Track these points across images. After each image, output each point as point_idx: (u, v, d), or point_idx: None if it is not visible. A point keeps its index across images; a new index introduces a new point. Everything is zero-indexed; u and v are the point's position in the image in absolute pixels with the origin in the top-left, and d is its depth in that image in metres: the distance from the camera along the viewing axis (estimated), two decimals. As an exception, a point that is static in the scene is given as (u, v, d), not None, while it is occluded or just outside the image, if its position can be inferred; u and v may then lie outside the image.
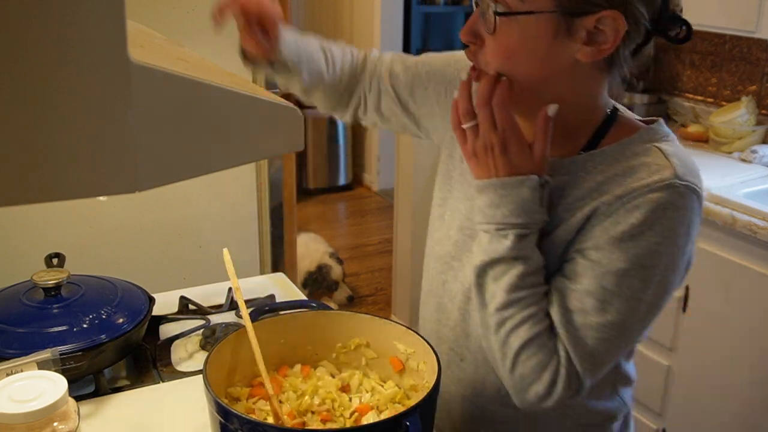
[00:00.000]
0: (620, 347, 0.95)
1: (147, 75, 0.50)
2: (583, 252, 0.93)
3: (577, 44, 0.89)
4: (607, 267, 0.90)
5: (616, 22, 0.87)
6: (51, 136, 0.48)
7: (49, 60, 0.46)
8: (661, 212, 0.89)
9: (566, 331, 0.92)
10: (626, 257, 0.89)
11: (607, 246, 0.90)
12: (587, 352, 0.92)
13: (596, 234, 0.91)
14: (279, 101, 0.62)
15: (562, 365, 0.92)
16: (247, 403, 1.03)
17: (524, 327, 0.92)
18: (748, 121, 2.51)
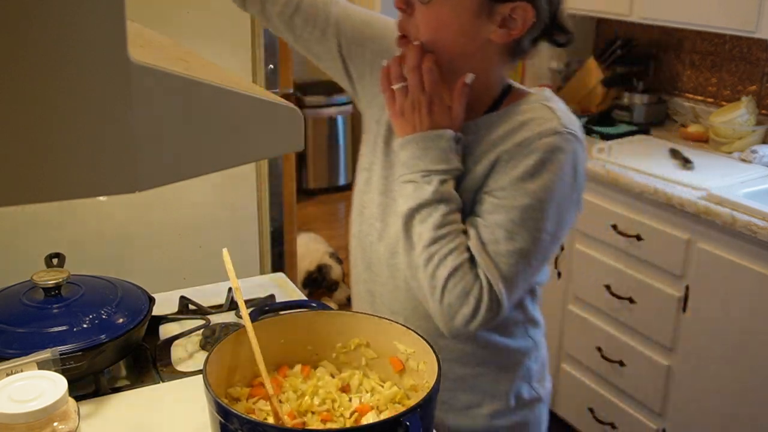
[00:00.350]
0: (528, 272, 1.11)
1: (147, 75, 0.50)
2: (491, 193, 1.09)
3: (493, 26, 1.06)
4: (512, 203, 1.06)
5: (526, 13, 1.05)
6: (51, 136, 0.48)
7: (50, 60, 0.46)
8: (551, 154, 1.06)
9: (483, 259, 1.07)
10: (527, 194, 1.06)
11: (510, 186, 1.07)
12: (503, 275, 1.07)
13: (500, 177, 1.08)
14: (279, 101, 0.62)
15: (484, 288, 1.07)
16: (247, 403, 1.03)
17: (450, 258, 1.07)
18: (748, 121, 2.51)
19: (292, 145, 0.63)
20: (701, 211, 2.08)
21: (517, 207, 1.06)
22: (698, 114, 2.81)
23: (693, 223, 2.13)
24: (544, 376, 1.31)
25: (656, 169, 2.34)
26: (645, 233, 2.27)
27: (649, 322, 2.32)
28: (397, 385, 1.09)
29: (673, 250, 2.19)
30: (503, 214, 1.06)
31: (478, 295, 1.07)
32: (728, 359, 2.11)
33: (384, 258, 1.21)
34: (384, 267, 1.22)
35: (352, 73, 1.26)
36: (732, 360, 2.10)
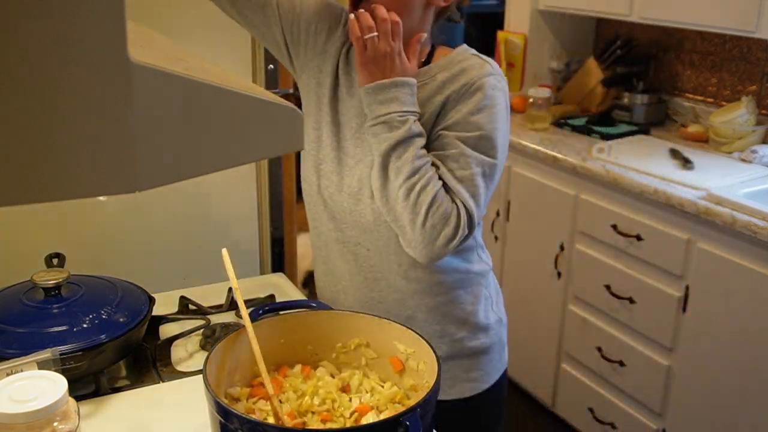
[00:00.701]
0: (488, 192, 1.27)
1: (147, 75, 0.50)
2: (447, 128, 1.25)
3: None
4: (467, 135, 1.23)
5: None
6: (51, 135, 0.48)
7: (49, 60, 0.46)
8: (492, 91, 1.25)
9: (454, 185, 1.23)
10: (478, 126, 1.23)
11: (464, 120, 1.24)
12: (472, 196, 1.23)
13: (453, 114, 1.25)
14: (279, 101, 0.62)
15: (461, 209, 1.22)
16: (247, 403, 1.03)
17: (429, 186, 1.21)
18: (748, 121, 2.51)
19: (292, 145, 0.63)
20: (701, 211, 2.08)
21: (473, 137, 1.23)
22: (698, 114, 2.81)
23: (693, 223, 2.13)
24: (500, 300, 1.47)
25: (656, 169, 2.34)
26: (645, 233, 2.27)
27: (649, 322, 2.32)
28: (397, 385, 1.09)
29: (673, 250, 2.19)
30: (462, 145, 1.23)
31: (456, 215, 1.22)
32: (728, 359, 2.11)
33: (347, 206, 1.32)
34: (347, 214, 1.33)
35: (287, 39, 1.37)
36: (732, 360, 2.10)
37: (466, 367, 1.40)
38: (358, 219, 1.32)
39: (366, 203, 1.30)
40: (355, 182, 1.30)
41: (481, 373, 1.42)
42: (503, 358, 1.47)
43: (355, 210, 1.32)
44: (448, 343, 1.38)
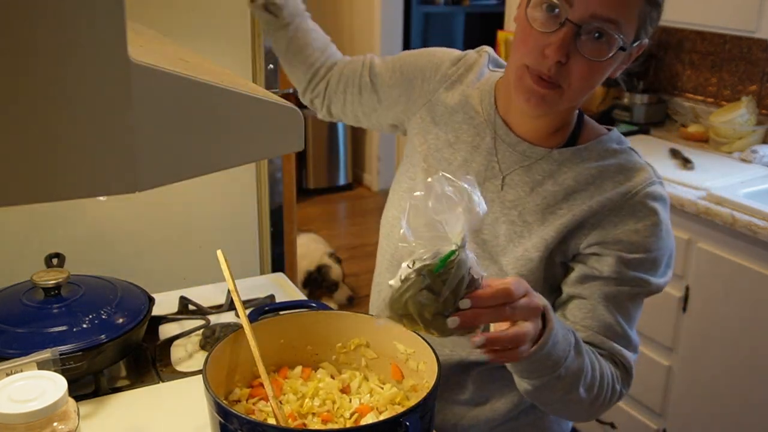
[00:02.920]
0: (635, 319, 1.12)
1: (147, 75, 0.50)
2: (604, 245, 1.06)
3: (623, 66, 1.07)
4: (629, 257, 1.05)
5: (643, 46, 1.06)
6: (51, 135, 0.48)
7: (50, 60, 0.46)
8: (657, 204, 1.06)
9: (614, 346, 1.07)
10: (643, 247, 1.05)
11: (626, 240, 1.05)
12: (631, 348, 1.10)
13: (609, 230, 1.06)
14: (279, 101, 0.62)
15: (623, 375, 1.10)
16: (247, 404, 1.03)
17: (607, 392, 1.05)
18: (748, 121, 2.51)
19: (292, 145, 0.63)
20: (701, 211, 2.08)
21: (636, 259, 1.05)
22: (698, 114, 2.81)
23: (693, 223, 2.13)
24: None
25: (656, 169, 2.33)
26: (645, 233, 2.27)
27: (649, 322, 2.32)
28: (396, 386, 1.09)
29: (673, 250, 2.18)
30: (622, 270, 1.05)
31: (621, 386, 1.10)
32: (728, 359, 2.11)
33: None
34: None
35: (396, 111, 1.29)
36: (732, 360, 2.10)
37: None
38: None
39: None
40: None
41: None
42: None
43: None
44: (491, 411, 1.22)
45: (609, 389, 1.03)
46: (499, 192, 1.13)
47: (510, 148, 1.13)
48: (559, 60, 0.99)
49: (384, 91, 1.28)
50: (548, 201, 1.09)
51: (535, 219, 1.10)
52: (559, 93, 1.03)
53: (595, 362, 1.02)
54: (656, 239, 1.05)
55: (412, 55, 1.29)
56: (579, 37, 0.98)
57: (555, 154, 1.11)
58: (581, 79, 1.01)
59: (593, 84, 1.04)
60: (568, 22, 0.98)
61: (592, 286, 1.07)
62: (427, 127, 1.22)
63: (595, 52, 0.99)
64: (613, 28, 0.98)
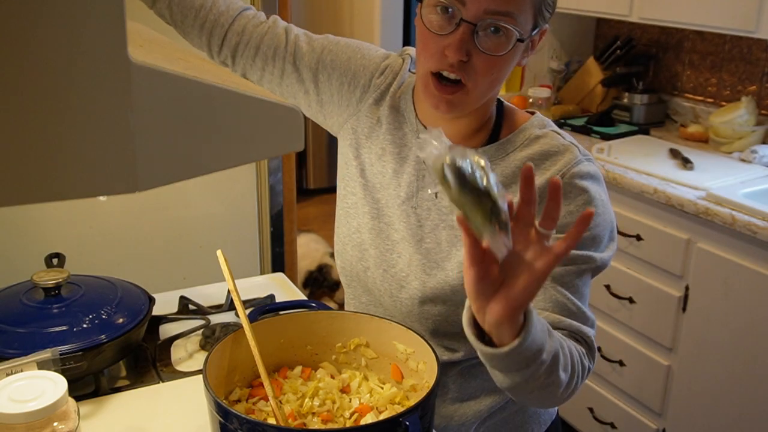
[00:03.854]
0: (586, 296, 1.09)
1: (147, 75, 0.50)
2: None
3: (526, 54, 1.07)
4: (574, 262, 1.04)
5: (544, 32, 1.07)
6: (51, 136, 0.48)
7: (49, 60, 0.46)
8: (586, 182, 1.05)
9: (574, 324, 1.04)
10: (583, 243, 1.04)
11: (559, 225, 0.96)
12: (589, 324, 1.05)
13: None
14: (279, 101, 0.62)
15: (587, 354, 1.03)
16: (247, 404, 1.04)
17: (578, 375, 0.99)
18: (748, 121, 2.51)
19: (292, 145, 0.63)
20: (701, 211, 2.08)
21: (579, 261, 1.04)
22: (698, 114, 2.81)
23: (693, 223, 2.13)
24: None
25: (656, 169, 2.34)
26: (645, 233, 2.27)
27: (649, 322, 2.32)
28: (396, 386, 1.09)
29: (673, 250, 2.19)
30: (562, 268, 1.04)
31: (589, 362, 1.03)
32: (728, 359, 2.11)
33: (387, 290, 1.18)
34: (386, 297, 1.19)
35: (322, 101, 1.24)
36: (732, 360, 2.10)
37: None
38: (398, 305, 1.18)
39: (412, 292, 1.14)
40: (403, 265, 1.15)
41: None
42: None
43: (398, 297, 1.18)
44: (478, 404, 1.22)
45: (579, 366, 1.00)
46: (434, 200, 1.14)
47: None
48: (460, 59, 1.00)
49: (310, 84, 1.23)
50: None
51: None
52: (465, 92, 1.03)
53: (563, 341, 0.99)
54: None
55: (341, 50, 1.23)
56: (477, 34, 0.99)
57: (481, 153, 1.10)
58: (485, 75, 1.02)
59: (499, 77, 1.04)
60: (463, 22, 0.98)
61: None
62: (359, 140, 1.22)
63: (494, 47, 1.00)
64: (509, 21, 0.99)
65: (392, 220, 1.17)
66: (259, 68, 1.23)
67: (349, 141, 1.24)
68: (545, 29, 1.07)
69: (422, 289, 1.14)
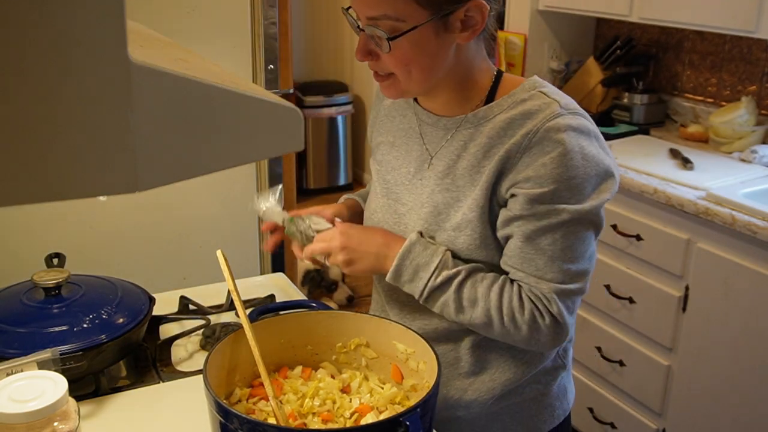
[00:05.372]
0: (575, 252, 1.13)
1: (147, 75, 0.50)
2: (517, 185, 1.10)
3: (455, 33, 1.10)
4: (540, 191, 1.07)
5: (480, 6, 1.08)
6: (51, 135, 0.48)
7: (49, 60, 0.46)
8: (560, 135, 1.07)
9: (531, 281, 1.11)
10: (552, 178, 1.07)
11: (534, 176, 1.08)
12: (556, 283, 1.11)
13: (520, 170, 1.09)
14: (279, 101, 0.62)
15: (544, 311, 1.11)
16: (247, 404, 1.04)
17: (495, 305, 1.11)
18: (747, 121, 2.51)
19: (292, 145, 0.63)
20: (701, 211, 2.08)
21: (547, 193, 1.08)
22: (698, 114, 2.81)
23: (693, 223, 2.13)
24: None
25: (656, 169, 2.34)
26: (645, 233, 2.27)
27: (649, 322, 2.32)
28: (396, 386, 1.09)
29: (673, 250, 2.19)
30: (535, 206, 1.09)
31: (540, 315, 1.12)
32: (728, 359, 2.11)
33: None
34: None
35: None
36: (732, 360, 2.10)
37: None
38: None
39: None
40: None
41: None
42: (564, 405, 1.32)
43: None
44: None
45: (505, 309, 1.11)
46: (432, 169, 1.21)
47: (432, 127, 1.21)
48: (365, 60, 1.13)
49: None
50: (472, 162, 1.15)
51: (465, 181, 1.16)
52: (396, 80, 1.13)
53: (476, 282, 1.13)
54: (566, 168, 1.06)
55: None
56: (372, 36, 1.10)
57: (470, 117, 1.17)
58: (400, 66, 1.10)
59: (419, 64, 1.10)
60: (359, 29, 1.12)
61: (512, 227, 1.12)
62: (377, 137, 1.34)
63: (383, 45, 1.09)
64: (383, 23, 1.07)
65: (400, 195, 1.25)
66: None
67: (374, 143, 1.36)
68: (471, 5, 1.07)
69: None
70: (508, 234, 1.13)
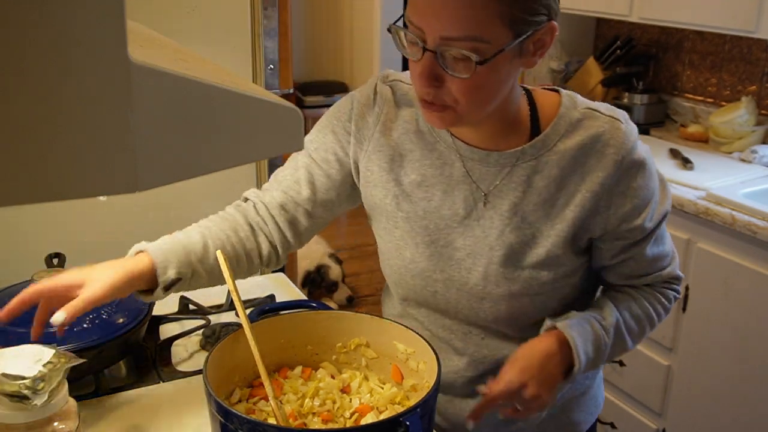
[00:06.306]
0: (665, 241, 1.19)
1: (147, 75, 0.50)
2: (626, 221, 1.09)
3: (526, 57, 1.00)
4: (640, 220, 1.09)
5: (553, 29, 1.00)
6: (51, 135, 0.48)
7: (49, 60, 0.46)
8: (637, 153, 1.07)
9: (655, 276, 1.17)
10: (645, 199, 1.09)
11: (631, 210, 1.08)
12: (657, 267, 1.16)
13: (618, 209, 1.08)
14: (279, 101, 0.62)
15: (671, 297, 1.21)
16: (247, 404, 1.04)
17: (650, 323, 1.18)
18: (747, 121, 2.51)
19: (292, 145, 0.63)
20: (701, 211, 2.08)
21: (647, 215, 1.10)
22: (698, 114, 2.81)
23: (693, 223, 2.13)
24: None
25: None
26: (645, 233, 2.27)
27: (649, 322, 2.32)
28: (396, 386, 1.09)
29: (673, 250, 2.19)
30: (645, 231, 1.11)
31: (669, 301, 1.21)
32: (728, 359, 2.11)
33: (466, 305, 1.15)
34: (466, 311, 1.16)
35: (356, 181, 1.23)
36: (732, 360, 2.10)
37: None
38: (483, 316, 1.15)
39: (496, 299, 1.13)
40: (477, 279, 1.12)
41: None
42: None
43: (476, 306, 1.15)
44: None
45: (650, 314, 1.18)
46: (491, 208, 1.11)
47: (482, 164, 1.11)
48: (428, 89, 0.99)
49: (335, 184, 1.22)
50: (544, 196, 1.08)
51: (538, 217, 1.09)
52: (452, 111, 1.01)
53: (633, 311, 1.17)
54: (652, 178, 1.10)
55: (319, 132, 1.28)
56: (443, 59, 0.96)
57: (528, 149, 1.08)
58: (466, 95, 0.99)
59: (488, 92, 1.00)
60: (425, 50, 0.96)
61: (634, 250, 1.12)
62: (382, 176, 1.17)
63: (460, 71, 0.96)
64: (466, 45, 0.94)
65: (451, 240, 1.13)
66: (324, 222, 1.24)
67: (370, 181, 1.19)
68: (546, 28, 0.98)
69: (508, 294, 1.12)
70: (629, 257, 1.13)
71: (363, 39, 5.02)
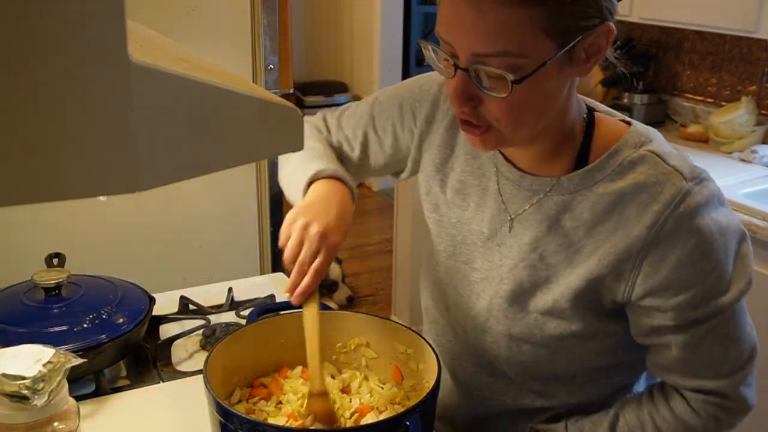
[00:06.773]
0: (743, 339, 1.04)
1: (147, 75, 0.50)
2: (653, 295, 0.93)
3: (578, 66, 0.88)
4: (686, 297, 0.93)
5: (609, 30, 0.87)
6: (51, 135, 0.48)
7: (49, 60, 0.46)
8: (694, 221, 0.90)
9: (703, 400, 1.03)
10: (698, 276, 0.92)
11: (675, 279, 0.91)
12: (711, 373, 1.01)
13: (656, 270, 0.92)
14: (279, 101, 0.62)
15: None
16: (247, 404, 1.04)
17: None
18: (747, 121, 2.51)
19: (292, 145, 0.63)
20: (701, 211, 2.08)
21: (697, 295, 0.93)
22: (698, 114, 2.81)
23: (693, 223, 2.13)
24: None
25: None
26: (645, 233, 2.27)
27: (649, 322, 2.32)
28: (396, 386, 1.09)
29: (673, 250, 2.18)
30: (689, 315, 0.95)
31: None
32: (728, 359, 2.10)
33: (471, 331, 1.09)
34: (472, 339, 1.10)
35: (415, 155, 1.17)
36: (732, 360, 2.09)
37: None
38: (487, 348, 1.07)
39: (496, 336, 1.04)
40: (482, 308, 1.05)
41: None
42: None
43: (483, 340, 1.07)
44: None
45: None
46: (514, 236, 1.01)
47: (514, 185, 1.01)
48: (464, 109, 0.90)
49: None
50: (570, 239, 0.96)
51: (558, 260, 0.97)
52: (495, 131, 0.91)
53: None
54: (709, 259, 0.91)
55: (392, 99, 1.17)
56: (477, 77, 0.86)
57: (564, 182, 0.96)
58: (507, 114, 0.88)
59: (534, 111, 0.90)
60: (458, 69, 0.87)
61: (666, 337, 0.96)
62: (432, 172, 1.12)
63: (497, 89, 0.86)
64: (500, 62, 0.84)
65: (472, 258, 1.06)
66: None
67: (423, 172, 1.15)
68: (600, 30, 0.86)
69: (508, 334, 1.03)
70: (659, 343, 0.97)
71: (363, 39, 5.01)
